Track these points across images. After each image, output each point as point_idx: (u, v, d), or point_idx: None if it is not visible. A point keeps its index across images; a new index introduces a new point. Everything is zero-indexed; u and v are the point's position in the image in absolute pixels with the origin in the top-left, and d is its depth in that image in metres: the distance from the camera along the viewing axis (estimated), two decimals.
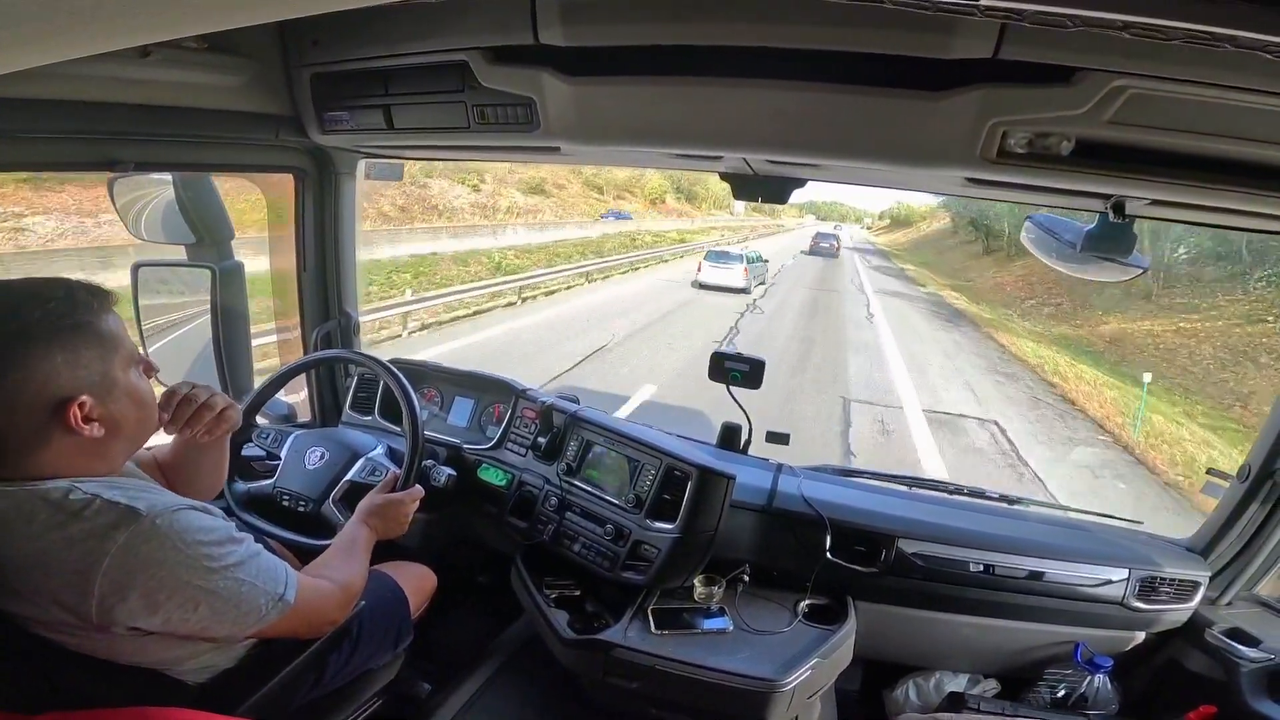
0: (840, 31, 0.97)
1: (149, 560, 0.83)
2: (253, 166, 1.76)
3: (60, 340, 0.82)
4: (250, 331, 1.79)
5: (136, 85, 1.26)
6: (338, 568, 1.18)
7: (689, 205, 55.38)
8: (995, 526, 1.72)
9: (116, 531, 0.82)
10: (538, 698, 1.71)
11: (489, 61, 1.24)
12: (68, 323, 0.83)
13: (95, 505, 0.83)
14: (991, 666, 1.82)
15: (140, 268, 1.66)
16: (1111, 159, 0.99)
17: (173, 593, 0.85)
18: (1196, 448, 8.80)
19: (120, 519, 0.83)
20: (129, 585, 0.82)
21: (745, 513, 1.68)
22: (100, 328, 0.87)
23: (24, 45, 0.35)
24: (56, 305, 0.83)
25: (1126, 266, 1.26)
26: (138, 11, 0.36)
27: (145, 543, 0.83)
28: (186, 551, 0.86)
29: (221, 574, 0.89)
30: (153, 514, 0.84)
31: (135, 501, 0.85)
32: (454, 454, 1.90)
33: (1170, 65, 0.85)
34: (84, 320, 0.85)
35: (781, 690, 1.39)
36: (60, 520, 0.81)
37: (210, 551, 0.88)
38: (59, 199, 10.95)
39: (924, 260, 36.64)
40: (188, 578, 0.86)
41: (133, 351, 0.93)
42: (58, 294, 0.84)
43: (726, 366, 1.86)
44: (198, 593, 0.87)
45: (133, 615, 0.84)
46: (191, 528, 0.87)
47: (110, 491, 0.85)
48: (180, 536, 0.86)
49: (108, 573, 0.81)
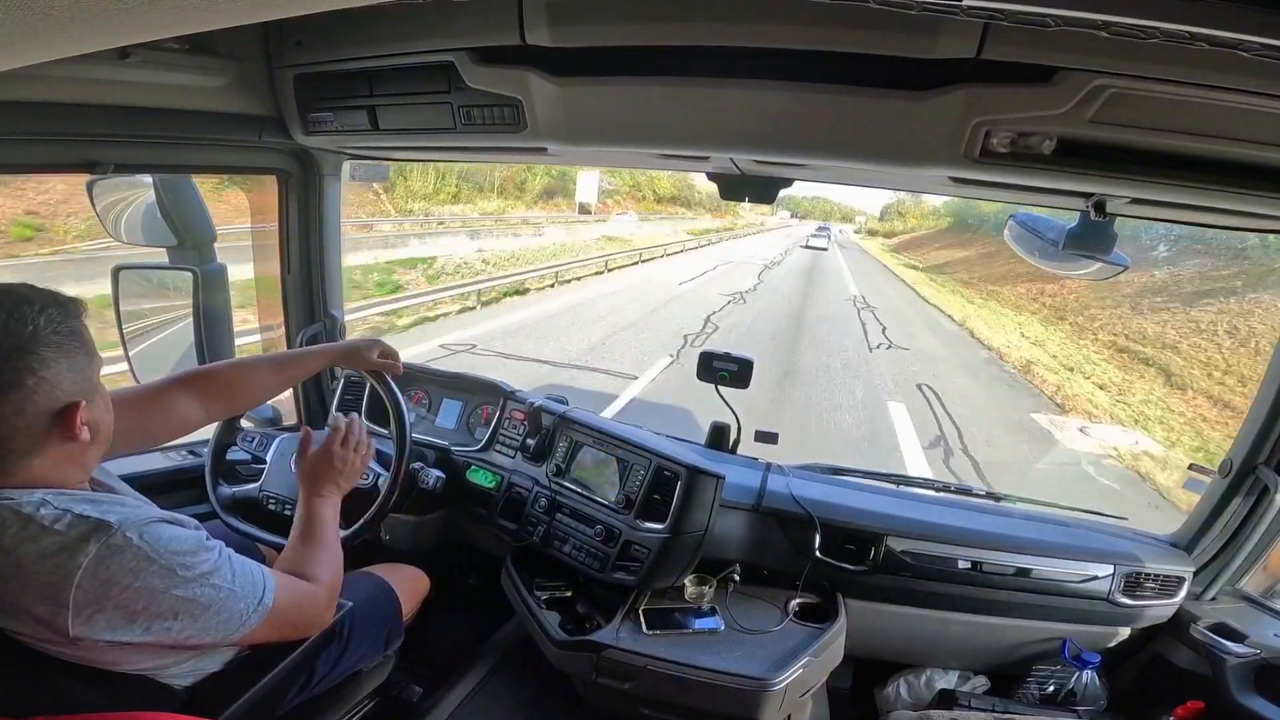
0: (825, 31, 0.97)
1: (122, 572, 0.83)
2: (235, 168, 1.75)
3: (62, 346, 0.82)
4: (234, 335, 1.77)
5: (116, 86, 1.24)
6: (310, 561, 1.14)
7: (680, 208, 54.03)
8: (982, 523, 1.73)
9: (87, 544, 0.81)
10: (529, 699, 1.70)
11: (475, 62, 1.24)
12: (65, 328, 0.83)
13: (67, 519, 0.82)
14: (981, 663, 1.83)
15: (121, 270, 1.64)
16: (1092, 158, 1.00)
17: (148, 604, 0.85)
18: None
19: (91, 532, 0.82)
20: (103, 598, 0.82)
21: (735, 512, 1.68)
22: (86, 334, 0.87)
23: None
24: (54, 311, 0.83)
25: (1108, 264, 1.28)
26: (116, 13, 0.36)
27: (117, 555, 0.83)
28: (160, 562, 0.85)
29: (197, 582, 0.89)
30: (124, 527, 0.84)
31: (106, 515, 0.84)
32: (443, 456, 1.89)
33: (1150, 64, 0.87)
34: (75, 326, 0.85)
35: (773, 689, 1.39)
36: (32, 534, 0.80)
37: (184, 561, 0.88)
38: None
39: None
40: (163, 588, 0.86)
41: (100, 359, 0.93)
42: (49, 300, 0.84)
43: (715, 366, 1.86)
44: (175, 602, 0.87)
45: (111, 627, 0.83)
46: (163, 538, 0.87)
47: (81, 505, 0.84)
48: (152, 548, 0.85)
49: (80, 585, 0.80)
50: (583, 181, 32.38)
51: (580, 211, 32.58)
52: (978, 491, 1.87)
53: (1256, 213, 1.17)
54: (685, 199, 56.10)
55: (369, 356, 1.47)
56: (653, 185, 47.69)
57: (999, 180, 1.14)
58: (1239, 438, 1.61)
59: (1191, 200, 1.08)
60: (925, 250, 43.64)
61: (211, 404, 1.28)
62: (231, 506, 1.57)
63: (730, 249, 33.15)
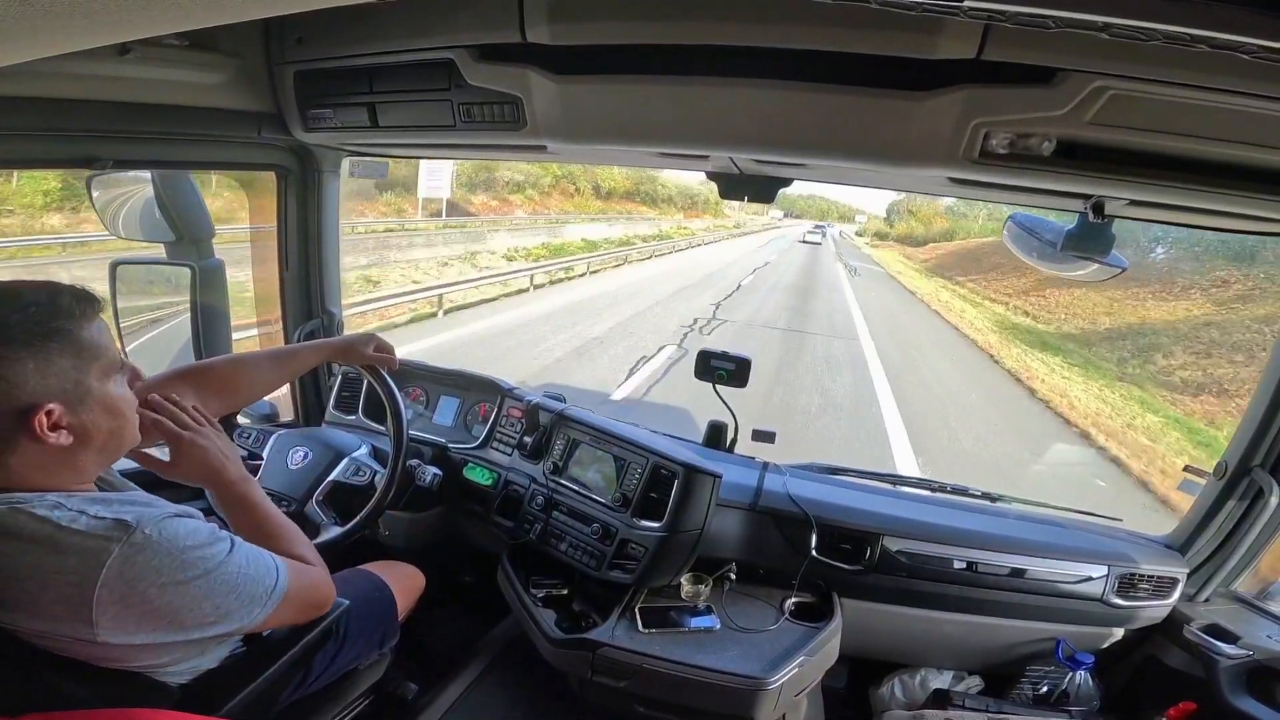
0: (827, 31, 0.97)
1: (146, 569, 0.83)
2: (234, 164, 1.75)
3: (33, 346, 0.81)
4: (231, 330, 1.76)
5: (115, 83, 1.24)
6: (282, 539, 1.10)
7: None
8: (977, 524, 1.73)
9: (110, 544, 0.82)
10: (525, 697, 1.70)
11: (476, 60, 1.24)
12: (43, 328, 0.82)
13: (83, 520, 0.82)
14: (975, 663, 1.84)
15: (119, 265, 1.64)
16: (1091, 159, 1.01)
17: (173, 598, 0.86)
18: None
19: (111, 532, 0.82)
20: (129, 595, 0.82)
21: (732, 511, 1.69)
22: (79, 335, 0.85)
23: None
24: (36, 310, 0.82)
25: (1105, 265, 1.28)
26: (116, 10, 0.36)
27: (139, 553, 0.83)
28: (181, 557, 0.86)
29: (216, 572, 0.89)
30: (142, 524, 0.84)
31: (122, 514, 0.85)
32: (440, 453, 1.89)
33: (1149, 66, 0.87)
34: (61, 326, 0.83)
35: (768, 688, 1.39)
36: (48, 534, 0.81)
37: (202, 553, 0.89)
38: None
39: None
40: (185, 580, 0.86)
41: (115, 360, 0.91)
42: (39, 298, 0.83)
43: (713, 365, 1.86)
44: (199, 594, 0.88)
45: (139, 626, 0.84)
46: (180, 533, 0.88)
47: (94, 507, 0.85)
48: (171, 543, 0.86)
49: (106, 584, 0.80)
50: (425, 169, 18.10)
51: (427, 214, 20.54)
52: (973, 492, 1.87)
53: (1255, 215, 1.17)
54: (648, 194, 44.12)
55: (364, 351, 1.48)
56: (594, 176, 34.32)
57: (998, 181, 1.15)
58: (1234, 440, 1.61)
59: (1190, 202, 1.08)
60: (988, 278, 22.84)
61: (209, 398, 1.27)
62: None
63: (679, 265, 22.04)
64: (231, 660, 1.07)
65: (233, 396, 1.37)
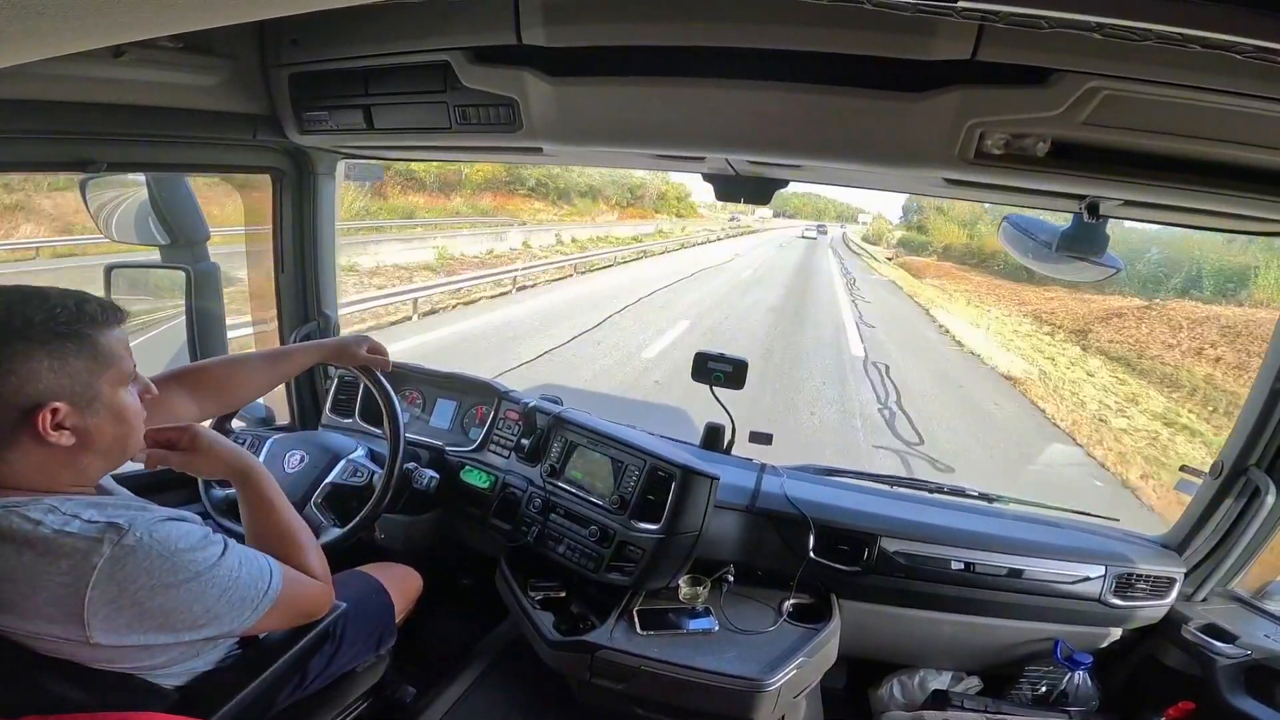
0: (821, 32, 0.98)
1: (137, 571, 0.84)
2: (229, 167, 1.74)
3: (51, 345, 0.82)
4: (226, 333, 1.76)
5: (110, 85, 1.24)
6: (296, 546, 1.08)
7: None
8: (975, 524, 1.73)
9: (101, 546, 0.82)
10: (524, 700, 1.70)
11: (471, 62, 1.24)
12: (65, 330, 0.83)
13: (76, 524, 0.83)
14: (974, 664, 1.84)
15: (113, 269, 1.63)
16: (1086, 160, 1.01)
17: (165, 601, 0.86)
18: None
19: (103, 534, 0.83)
20: (120, 598, 0.82)
21: (729, 513, 1.68)
22: (98, 340, 0.87)
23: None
24: (61, 312, 0.83)
25: (1100, 266, 1.28)
26: (110, 12, 0.36)
27: (131, 556, 0.83)
28: (173, 560, 0.86)
29: (209, 574, 0.89)
30: (134, 527, 0.85)
31: (115, 517, 0.85)
32: (437, 456, 1.88)
33: (1143, 66, 0.87)
34: (83, 331, 0.85)
35: (767, 690, 1.39)
36: (42, 536, 0.81)
37: (195, 556, 0.89)
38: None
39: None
40: (177, 583, 0.86)
41: (129, 372, 0.93)
42: (66, 302, 0.84)
43: (709, 367, 1.86)
44: (191, 596, 0.88)
45: (130, 628, 0.84)
46: (173, 535, 0.88)
47: (88, 510, 0.85)
48: (164, 545, 0.86)
49: (97, 586, 0.81)
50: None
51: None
52: (971, 492, 1.87)
53: (1249, 215, 1.17)
54: (545, 184, 30.13)
55: (358, 352, 1.49)
56: (456, 166, 23.01)
57: (993, 182, 1.15)
58: (1230, 440, 1.61)
59: (1184, 202, 1.09)
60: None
61: (204, 399, 1.27)
62: (226, 508, 1.56)
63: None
64: (228, 662, 1.07)
65: (227, 397, 1.38)
